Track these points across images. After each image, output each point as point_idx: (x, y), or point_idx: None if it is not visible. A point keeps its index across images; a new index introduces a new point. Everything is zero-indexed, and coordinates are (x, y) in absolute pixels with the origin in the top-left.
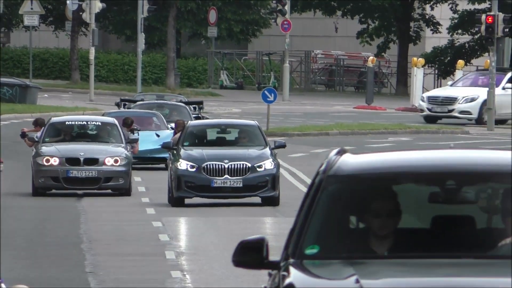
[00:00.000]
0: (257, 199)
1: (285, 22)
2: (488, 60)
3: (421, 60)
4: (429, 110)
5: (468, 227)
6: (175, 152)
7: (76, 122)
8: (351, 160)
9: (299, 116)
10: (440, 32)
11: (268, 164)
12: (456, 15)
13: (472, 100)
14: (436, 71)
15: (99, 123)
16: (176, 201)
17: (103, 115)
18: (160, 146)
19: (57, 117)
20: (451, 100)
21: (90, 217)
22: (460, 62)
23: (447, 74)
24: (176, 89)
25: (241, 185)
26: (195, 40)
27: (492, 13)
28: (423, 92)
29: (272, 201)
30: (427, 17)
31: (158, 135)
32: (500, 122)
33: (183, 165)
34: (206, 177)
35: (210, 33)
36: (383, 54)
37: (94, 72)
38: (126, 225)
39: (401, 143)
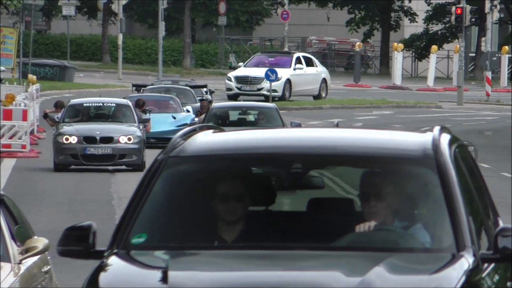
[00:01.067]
0: None
1: (284, 12)
2: (458, 46)
3: (401, 45)
4: (238, 89)
5: (343, 211)
6: None
7: (93, 104)
8: (200, 140)
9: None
10: (416, 22)
11: None
12: (430, 8)
13: (277, 79)
14: (413, 54)
15: (114, 105)
16: None
17: (124, 98)
18: (176, 127)
19: (76, 99)
20: (260, 80)
21: (119, 179)
22: (434, 47)
23: (422, 57)
24: (191, 69)
25: None
26: (208, 27)
27: (461, 5)
28: (402, 73)
29: None
30: (405, 8)
31: (174, 117)
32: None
33: None
34: None
35: (220, 21)
36: (368, 40)
37: (122, 55)
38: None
39: (383, 116)
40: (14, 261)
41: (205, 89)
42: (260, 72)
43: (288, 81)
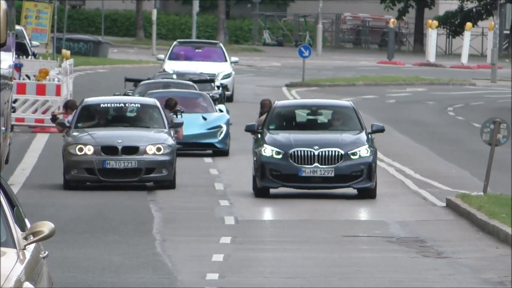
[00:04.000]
0: (352, 190)
1: None
2: (492, 23)
3: (435, 22)
4: None
5: None
6: (259, 136)
7: (112, 105)
8: None
9: (330, 70)
10: None
11: (363, 151)
12: None
13: (228, 76)
14: (447, 32)
15: (138, 105)
16: (260, 191)
17: (145, 95)
18: (207, 130)
19: (90, 98)
20: (212, 77)
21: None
22: (468, 24)
23: (456, 34)
24: (225, 45)
25: (332, 174)
26: (242, 3)
27: None
28: (436, 50)
29: (368, 193)
30: None
31: (205, 118)
32: None
33: (267, 151)
34: (293, 165)
35: None
36: (402, 17)
37: (156, 31)
38: (181, 161)
39: (417, 93)
40: (19, 247)
41: (217, 84)
42: (210, 67)
43: (233, 78)
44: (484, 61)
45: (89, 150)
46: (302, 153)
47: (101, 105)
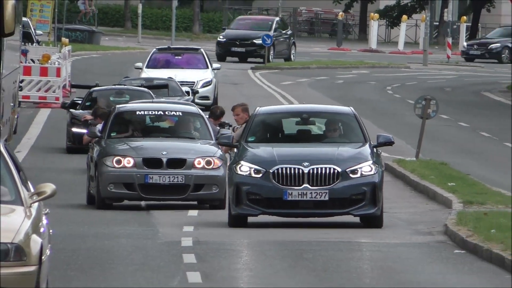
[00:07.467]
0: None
1: None
2: (424, 15)
3: (376, 15)
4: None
5: None
6: (235, 150)
7: (150, 112)
8: None
9: None
10: None
11: (366, 168)
12: None
13: (208, 84)
14: (387, 23)
15: (180, 113)
16: (234, 220)
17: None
18: None
19: (123, 105)
20: (190, 85)
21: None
22: (404, 16)
23: (394, 25)
24: (200, 34)
25: (326, 198)
26: None
27: None
28: (377, 38)
29: (372, 222)
30: None
31: None
32: None
33: (244, 168)
34: (276, 187)
35: None
36: (349, 10)
37: (141, 22)
38: None
39: (361, 75)
40: (26, 205)
41: (185, 89)
42: (189, 74)
43: (215, 86)
44: (417, 47)
45: (128, 162)
46: (288, 171)
47: (137, 113)
